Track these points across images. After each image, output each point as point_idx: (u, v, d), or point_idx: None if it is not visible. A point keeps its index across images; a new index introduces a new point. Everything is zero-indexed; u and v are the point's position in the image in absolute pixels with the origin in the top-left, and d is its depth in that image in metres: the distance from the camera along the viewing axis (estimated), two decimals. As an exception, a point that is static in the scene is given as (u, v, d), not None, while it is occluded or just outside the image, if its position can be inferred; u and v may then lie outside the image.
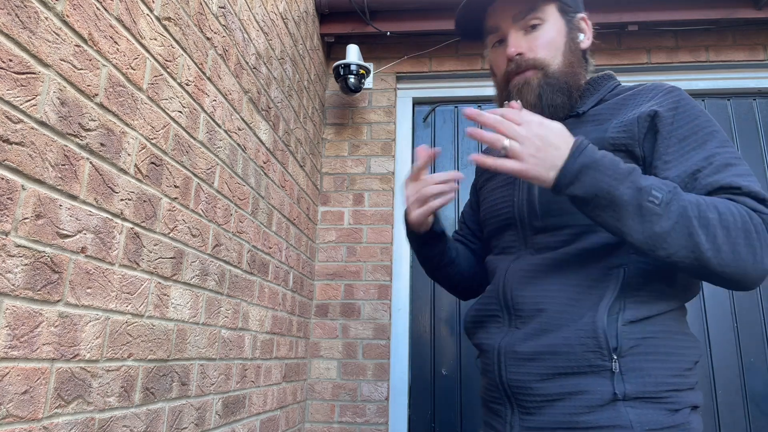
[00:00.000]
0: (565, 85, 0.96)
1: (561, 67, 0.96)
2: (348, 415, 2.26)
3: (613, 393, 0.80)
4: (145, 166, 1.08)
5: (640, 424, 0.79)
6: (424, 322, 2.44)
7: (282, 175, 1.95)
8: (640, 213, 0.75)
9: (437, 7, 2.50)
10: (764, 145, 2.47)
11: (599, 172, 0.76)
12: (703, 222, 0.76)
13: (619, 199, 0.76)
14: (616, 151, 0.88)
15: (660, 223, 0.75)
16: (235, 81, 1.52)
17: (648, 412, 0.80)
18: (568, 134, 0.81)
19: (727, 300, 2.30)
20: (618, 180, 0.76)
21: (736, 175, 0.82)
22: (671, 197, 0.76)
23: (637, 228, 0.76)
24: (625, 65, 2.55)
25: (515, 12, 0.97)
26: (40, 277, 0.81)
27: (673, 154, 0.85)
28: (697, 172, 0.83)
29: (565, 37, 0.98)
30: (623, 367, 0.82)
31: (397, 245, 2.50)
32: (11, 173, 0.75)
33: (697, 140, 0.86)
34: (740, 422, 2.18)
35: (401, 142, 2.63)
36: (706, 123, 0.88)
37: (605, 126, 0.92)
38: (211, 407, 1.38)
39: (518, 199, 0.99)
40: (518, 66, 0.97)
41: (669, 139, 0.86)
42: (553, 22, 0.98)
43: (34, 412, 0.79)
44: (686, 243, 0.75)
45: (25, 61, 0.78)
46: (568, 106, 0.97)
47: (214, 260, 1.40)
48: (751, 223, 0.77)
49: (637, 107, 0.91)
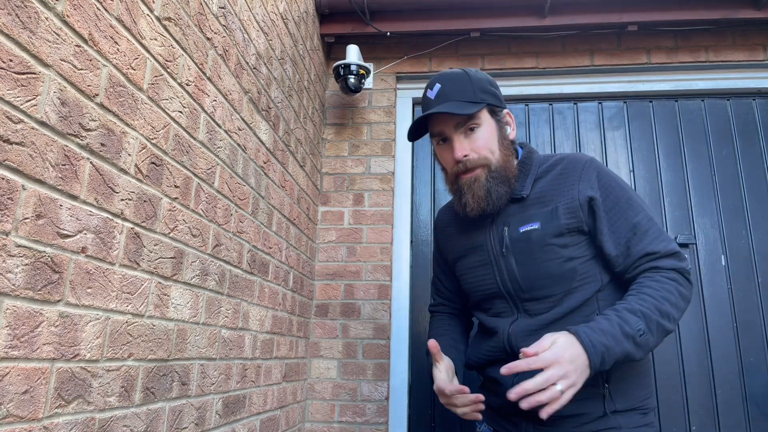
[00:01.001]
0: (505, 176, 1.20)
1: (499, 161, 1.20)
2: (348, 414, 2.26)
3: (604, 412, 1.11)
4: (146, 166, 1.08)
5: (627, 424, 1.11)
6: (424, 322, 2.44)
7: (282, 175, 1.95)
8: (639, 346, 1.04)
9: (437, 7, 2.50)
10: (764, 145, 2.47)
11: (610, 350, 1.01)
12: (665, 316, 1.06)
13: (629, 352, 1.03)
14: (570, 231, 1.16)
15: (650, 343, 1.06)
16: (236, 81, 1.53)
17: (630, 417, 1.12)
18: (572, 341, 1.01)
19: (727, 300, 2.30)
20: (620, 342, 1.02)
21: (652, 240, 1.13)
22: (647, 323, 1.04)
23: (640, 354, 1.05)
24: (625, 65, 2.56)
25: (456, 121, 1.20)
26: (40, 277, 0.81)
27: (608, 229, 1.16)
28: (628, 242, 1.14)
29: (497, 134, 1.22)
30: (611, 391, 1.12)
31: (397, 245, 2.50)
32: (12, 173, 0.75)
33: (620, 210, 1.16)
34: (740, 422, 2.18)
35: (401, 142, 2.63)
36: (621, 192, 1.18)
37: (551, 208, 1.18)
38: (212, 407, 1.38)
39: (500, 278, 1.23)
40: (465, 166, 1.19)
41: (603, 219, 1.16)
42: (487, 124, 1.21)
43: (34, 412, 0.80)
44: (662, 336, 1.08)
45: (26, 61, 0.78)
46: (509, 193, 1.21)
47: (215, 260, 1.40)
48: (677, 283, 1.10)
49: (571, 189, 1.18)
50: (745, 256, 2.35)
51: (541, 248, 1.17)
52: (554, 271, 1.16)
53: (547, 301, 1.17)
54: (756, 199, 2.41)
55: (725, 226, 2.39)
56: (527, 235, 1.18)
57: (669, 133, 2.55)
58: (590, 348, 0.99)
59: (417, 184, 2.63)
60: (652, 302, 1.06)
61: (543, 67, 2.60)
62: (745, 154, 2.47)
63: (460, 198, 1.22)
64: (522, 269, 1.18)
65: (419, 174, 2.64)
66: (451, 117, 1.19)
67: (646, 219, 1.16)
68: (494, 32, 2.56)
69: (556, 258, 1.16)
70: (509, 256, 1.20)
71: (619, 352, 1.01)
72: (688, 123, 2.55)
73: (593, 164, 1.20)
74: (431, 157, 2.66)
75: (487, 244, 1.26)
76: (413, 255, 2.53)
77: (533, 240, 1.17)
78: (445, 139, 1.24)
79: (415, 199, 2.61)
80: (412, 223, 2.57)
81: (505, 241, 1.22)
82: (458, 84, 1.21)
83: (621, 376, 1.13)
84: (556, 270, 1.16)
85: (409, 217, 2.56)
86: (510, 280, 1.21)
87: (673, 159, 2.51)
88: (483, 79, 1.24)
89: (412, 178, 2.63)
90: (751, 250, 2.35)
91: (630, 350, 1.02)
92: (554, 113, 2.65)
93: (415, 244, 2.55)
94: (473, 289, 1.31)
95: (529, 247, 1.18)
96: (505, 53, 2.63)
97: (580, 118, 2.62)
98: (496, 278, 1.23)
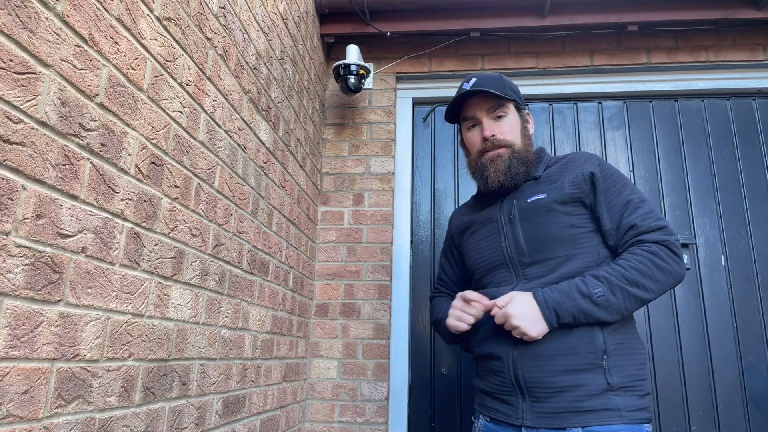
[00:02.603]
0: (526, 158, 1.35)
1: (521, 146, 1.36)
2: (348, 414, 2.26)
3: (606, 384, 1.14)
4: (146, 166, 1.08)
5: (625, 406, 1.13)
6: (424, 322, 2.44)
7: (282, 175, 1.95)
8: (599, 306, 1.15)
9: (437, 7, 2.50)
10: (764, 145, 2.47)
11: (561, 305, 1.15)
12: (633, 284, 1.15)
13: (586, 309, 1.15)
14: (574, 201, 1.28)
15: (613, 304, 1.15)
16: (236, 81, 1.53)
17: (627, 398, 1.14)
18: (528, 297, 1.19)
19: (726, 300, 2.30)
20: (573, 299, 1.15)
21: (641, 216, 1.23)
22: (610, 287, 1.15)
23: (605, 315, 1.15)
24: (625, 65, 2.56)
25: (488, 106, 1.37)
26: (40, 277, 0.81)
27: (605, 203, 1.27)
28: (621, 217, 1.24)
29: (520, 126, 1.39)
30: (610, 364, 1.15)
31: (397, 245, 2.50)
32: (12, 173, 0.75)
33: (617, 189, 1.27)
34: (740, 422, 2.18)
35: (401, 142, 2.63)
36: (619, 177, 1.30)
37: (558, 184, 1.31)
38: (212, 407, 1.38)
39: (506, 244, 1.33)
40: (492, 144, 1.35)
41: (602, 193, 1.27)
42: (513, 115, 1.39)
43: (34, 412, 0.80)
44: (633, 301, 1.16)
45: (26, 61, 0.78)
46: (526, 173, 1.35)
47: (215, 260, 1.40)
48: (655, 255, 1.17)
49: (576, 169, 1.32)
50: (745, 256, 2.35)
51: (545, 213, 1.28)
52: (556, 233, 1.26)
53: (546, 264, 1.25)
54: (756, 199, 2.41)
55: (725, 226, 2.39)
56: (534, 204, 1.31)
57: (669, 133, 2.55)
58: (542, 303, 1.17)
59: (417, 184, 2.63)
60: (619, 270, 1.17)
61: (543, 67, 2.60)
62: (745, 154, 2.47)
63: (482, 173, 1.36)
64: (526, 232, 1.29)
65: (419, 174, 2.64)
66: (485, 101, 1.36)
67: (639, 199, 1.26)
68: (494, 32, 2.56)
69: (559, 222, 1.26)
70: (516, 223, 1.32)
71: (572, 307, 1.15)
72: (688, 123, 2.55)
73: (597, 156, 1.36)
74: (431, 157, 2.66)
75: (497, 217, 1.38)
76: (413, 255, 2.53)
77: (539, 206, 1.30)
78: (475, 125, 1.40)
79: (415, 199, 2.61)
80: (412, 223, 2.57)
81: (513, 211, 1.34)
82: (492, 79, 1.38)
83: (617, 351, 1.18)
84: (559, 233, 1.26)
85: (409, 217, 2.56)
86: (515, 244, 1.30)
87: (673, 159, 2.51)
88: (511, 83, 1.43)
89: (412, 178, 2.63)
90: (751, 250, 2.35)
91: (587, 308, 1.14)
92: (554, 113, 2.65)
93: (415, 244, 2.55)
94: (478, 261, 1.40)
95: (535, 213, 1.30)
96: (505, 53, 2.62)
97: (580, 118, 2.62)
98: (501, 245, 1.34)
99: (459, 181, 2.61)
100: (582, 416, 1.12)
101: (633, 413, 1.13)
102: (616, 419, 1.11)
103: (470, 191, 2.58)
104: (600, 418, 1.11)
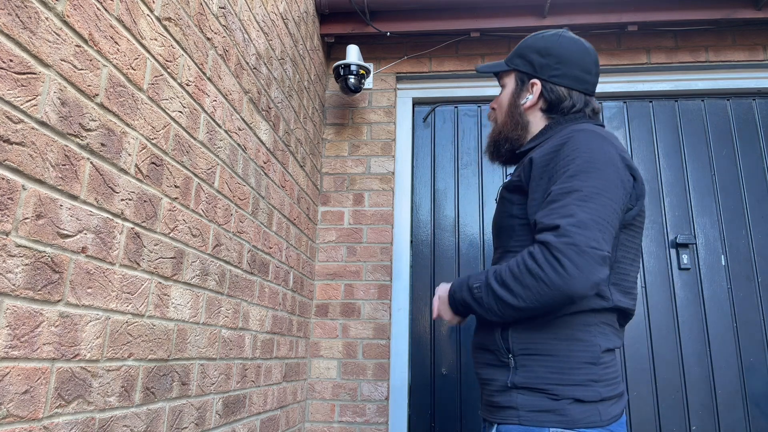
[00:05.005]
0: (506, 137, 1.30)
1: (501, 123, 1.32)
2: (348, 414, 2.26)
3: (510, 382, 1.10)
4: (146, 166, 1.08)
5: (523, 406, 1.07)
6: (424, 322, 2.44)
7: (282, 175, 1.95)
8: (476, 300, 1.12)
9: (437, 7, 2.50)
10: (764, 145, 2.47)
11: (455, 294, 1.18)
12: (500, 283, 1.07)
13: (467, 301, 1.15)
14: (515, 188, 1.18)
15: (484, 302, 1.10)
16: (236, 81, 1.53)
17: (531, 399, 1.07)
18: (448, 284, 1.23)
19: (726, 301, 2.30)
20: (462, 289, 1.16)
21: (547, 212, 1.04)
22: (486, 283, 1.10)
23: (482, 311, 1.11)
24: (625, 65, 2.56)
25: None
26: (40, 277, 0.81)
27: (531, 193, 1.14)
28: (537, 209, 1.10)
29: (509, 99, 1.31)
30: (517, 363, 1.10)
31: (397, 245, 2.50)
32: (12, 173, 0.75)
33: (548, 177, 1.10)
34: (740, 422, 2.18)
35: (401, 142, 2.63)
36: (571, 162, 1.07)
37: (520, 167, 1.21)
38: (212, 407, 1.38)
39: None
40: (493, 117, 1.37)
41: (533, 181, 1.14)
42: (509, 87, 1.31)
43: (34, 412, 0.80)
44: (502, 305, 1.07)
45: (26, 61, 0.78)
46: (511, 150, 1.31)
47: (215, 260, 1.40)
48: (531, 257, 1.03)
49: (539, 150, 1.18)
50: (745, 256, 2.35)
51: (500, 199, 1.26)
52: (501, 222, 1.23)
53: (496, 252, 1.25)
54: (756, 199, 2.41)
55: (725, 226, 2.39)
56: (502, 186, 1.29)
57: (669, 133, 2.55)
58: (450, 288, 1.20)
59: (417, 184, 2.63)
60: (497, 268, 1.11)
61: (543, 67, 2.59)
62: (745, 154, 2.47)
63: None
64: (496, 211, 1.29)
65: (419, 174, 2.64)
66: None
67: (563, 193, 1.03)
68: (494, 32, 2.56)
69: (504, 211, 1.22)
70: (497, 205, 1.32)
71: (459, 297, 1.17)
72: (688, 123, 2.55)
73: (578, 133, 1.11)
74: (431, 157, 2.66)
75: None
76: (413, 255, 2.53)
77: (501, 190, 1.28)
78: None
79: (415, 199, 2.61)
80: (412, 223, 2.57)
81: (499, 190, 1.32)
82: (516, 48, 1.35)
83: (526, 350, 1.10)
84: (503, 223, 1.23)
85: (409, 217, 2.56)
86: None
87: (673, 159, 2.51)
88: (530, 46, 1.29)
89: (412, 178, 2.63)
90: (751, 250, 2.35)
91: (468, 300, 1.14)
92: (554, 113, 2.65)
93: (415, 244, 2.55)
94: None
95: (500, 197, 1.28)
96: (505, 53, 2.62)
97: (580, 118, 2.62)
98: None
99: (459, 181, 2.61)
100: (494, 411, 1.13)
101: (534, 414, 1.05)
102: (513, 418, 1.07)
103: (470, 191, 2.58)
104: (502, 416, 1.09)
